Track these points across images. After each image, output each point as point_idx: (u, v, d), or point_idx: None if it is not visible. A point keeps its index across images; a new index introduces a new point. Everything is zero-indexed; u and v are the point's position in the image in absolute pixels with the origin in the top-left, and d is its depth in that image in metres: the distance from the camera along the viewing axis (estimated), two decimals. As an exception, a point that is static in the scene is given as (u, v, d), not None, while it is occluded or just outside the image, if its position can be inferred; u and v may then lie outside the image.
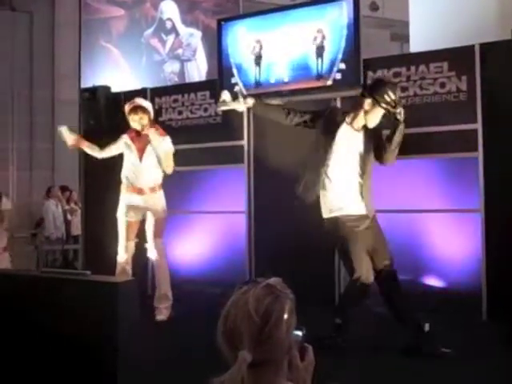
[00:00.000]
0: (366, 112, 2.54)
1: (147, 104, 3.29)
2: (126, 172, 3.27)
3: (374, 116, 2.55)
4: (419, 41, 4.34)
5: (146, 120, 3.21)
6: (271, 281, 0.95)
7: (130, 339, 1.62)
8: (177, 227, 3.97)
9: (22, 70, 7.62)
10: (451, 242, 3.21)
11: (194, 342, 2.68)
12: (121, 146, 3.30)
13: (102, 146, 3.41)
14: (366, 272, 2.49)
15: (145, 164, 3.22)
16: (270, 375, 0.90)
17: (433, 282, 3.25)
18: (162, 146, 3.20)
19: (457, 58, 3.21)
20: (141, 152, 3.23)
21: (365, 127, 2.59)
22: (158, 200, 3.25)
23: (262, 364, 0.89)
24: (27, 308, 1.80)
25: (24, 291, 1.84)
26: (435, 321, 2.88)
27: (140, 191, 3.21)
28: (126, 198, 3.26)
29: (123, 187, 3.27)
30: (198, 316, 3.21)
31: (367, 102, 2.53)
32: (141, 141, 3.24)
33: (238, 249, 3.81)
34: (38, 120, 7.70)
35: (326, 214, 2.58)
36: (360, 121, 2.58)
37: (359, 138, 2.59)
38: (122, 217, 3.26)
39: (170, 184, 3.42)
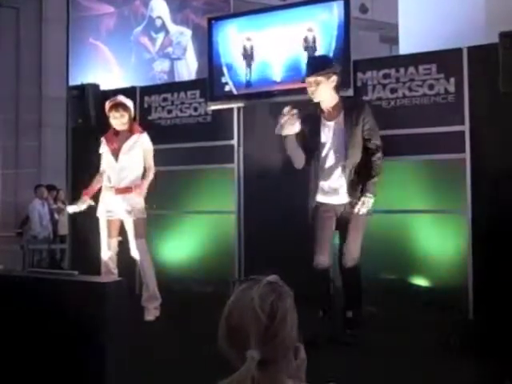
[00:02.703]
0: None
1: (128, 102, 3.26)
2: (106, 172, 3.24)
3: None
4: (408, 43, 4.38)
5: (126, 118, 3.19)
6: (271, 278, 0.94)
7: (119, 339, 1.61)
8: (167, 227, 3.95)
9: (8, 67, 7.50)
10: (438, 242, 3.25)
11: (183, 341, 2.66)
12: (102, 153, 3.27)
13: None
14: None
15: (121, 164, 3.18)
16: (276, 373, 0.89)
17: (419, 281, 3.29)
18: (143, 144, 3.19)
19: (445, 60, 3.25)
20: (116, 151, 3.19)
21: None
22: (136, 200, 3.20)
23: (268, 363, 0.88)
24: (13, 309, 1.77)
25: (10, 291, 1.81)
26: (422, 320, 2.92)
27: (117, 191, 3.18)
28: (104, 197, 3.24)
29: (102, 186, 3.25)
30: (188, 315, 3.20)
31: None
32: (117, 140, 3.21)
33: (227, 248, 3.80)
34: (25, 117, 7.58)
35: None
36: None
37: (336, 127, 2.65)
38: (102, 215, 3.24)
39: (159, 184, 3.40)
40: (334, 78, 2.65)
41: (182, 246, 3.97)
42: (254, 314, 0.88)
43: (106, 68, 7.76)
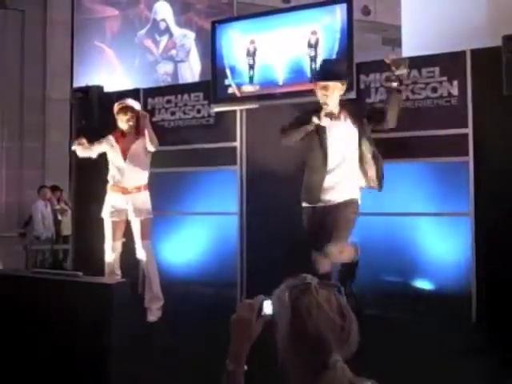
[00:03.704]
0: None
1: (137, 105, 3.28)
2: (111, 172, 3.26)
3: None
4: (411, 45, 4.38)
5: (134, 121, 3.21)
6: (311, 278, 0.94)
7: (122, 340, 1.62)
8: (170, 228, 3.96)
9: (14, 69, 7.55)
10: (441, 246, 3.25)
11: (185, 342, 2.67)
12: (105, 146, 3.29)
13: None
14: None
15: (129, 164, 3.21)
16: (349, 373, 0.90)
17: (422, 285, 3.28)
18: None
19: (448, 63, 3.25)
20: (125, 152, 3.22)
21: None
22: (143, 200, 3.23)
23: (346, 362, 0.89)
24: (17, 309, 1.78)
25: (14, 292, 1.82)
26: (424, 322, 2.91)
27: (124, 191, 3.20)
28: (111, 198, 3.25)
29: (108, 187, 3.27)
30: (190, 317, 3.21)
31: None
32: (125, 141, 3.24)
33: (230, 250, 3.81)
34: (29, 119, 7.62)
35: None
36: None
37: (342, 125, 2.71)
38: (107, 217, 3.24)
39: (162, 185, 3.41)
40: (345, 86, 2.77)
41: (185, 247, 3.98)
42: (330, 319, 0.88)
43: (110, 70, 7.80)
